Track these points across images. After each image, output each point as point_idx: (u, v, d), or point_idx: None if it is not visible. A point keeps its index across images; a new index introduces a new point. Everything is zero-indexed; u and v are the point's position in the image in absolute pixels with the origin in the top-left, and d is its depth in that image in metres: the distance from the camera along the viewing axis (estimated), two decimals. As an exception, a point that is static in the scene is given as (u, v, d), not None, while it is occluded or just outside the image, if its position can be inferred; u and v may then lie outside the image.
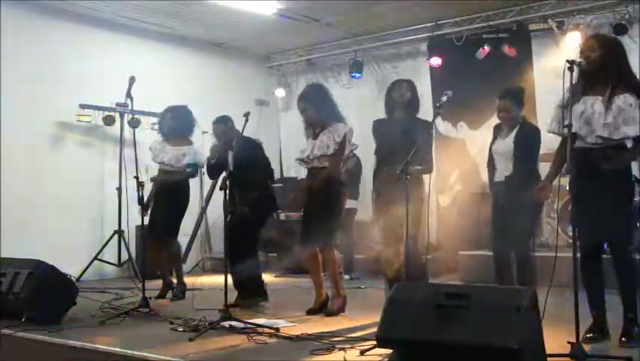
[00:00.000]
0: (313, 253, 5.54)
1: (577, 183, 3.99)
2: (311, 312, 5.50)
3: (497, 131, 5.50)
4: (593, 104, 4.04)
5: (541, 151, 7.23)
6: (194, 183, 7.30)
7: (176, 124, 6.67)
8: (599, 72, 4.05)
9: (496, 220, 5.36)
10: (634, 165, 4.31)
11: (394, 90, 5.38)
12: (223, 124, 6.20)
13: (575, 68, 3.84)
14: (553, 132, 4.28)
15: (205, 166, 6.42)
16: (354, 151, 5.87)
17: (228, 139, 5.88)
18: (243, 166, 5.49)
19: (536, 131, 5.42)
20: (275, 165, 10.44)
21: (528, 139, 5.32)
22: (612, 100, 4.00)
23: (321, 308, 5.54)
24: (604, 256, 4.18)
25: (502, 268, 5.26)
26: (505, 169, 5.32)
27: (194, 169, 6.78)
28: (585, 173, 3.96)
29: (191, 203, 6.92)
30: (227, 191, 5.11)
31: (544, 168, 6.56)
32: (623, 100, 3.98)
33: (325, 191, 5.41)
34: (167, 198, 6.57)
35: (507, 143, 5.34)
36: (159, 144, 6.71)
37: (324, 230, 5.38)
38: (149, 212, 6.45)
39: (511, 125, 5.38)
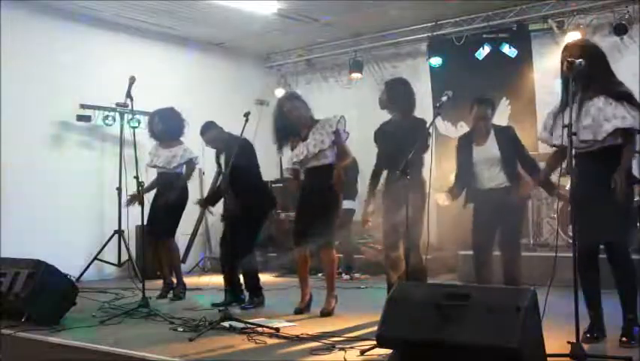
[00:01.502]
0: (304, 256, 5.54)
1: (575, 185, 4.00)
2: (299, 312, 5.50)
3: (467, 140, 5.40)
4: (575, 112, 4.05)
5: (541, 151, 7.24)
6: (194, 184, 7.31)
7: (166, 127, 6.71)
8: (580, 79, 4.04)
9: (480, 226, 5.29)
10: (634, 166, 4.31)
11: (394, 92, 5.36)
12: (211, 130, 6.24)
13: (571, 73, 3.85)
14: (545, 142, 4.30)
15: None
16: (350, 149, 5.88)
17: (220, 143, 5.98)
18: (235, 167, 5.56)
19: (512, 130, 5.44)
20: (274, 165, 10.50)
21: (510, 140, 5.31)
22: (585, 104, 4.01)
23: (307, 308, 5.56)
24: (601, 256, 4.19)
25: (483, 272, 5.24)
26: (493, 176, 5.27)
27: (187, 169, 6.77)
28: (583, 175, 3.97)
29: (191, 203, 6.92)
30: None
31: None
32: (603, 101, 3.99)
33: (324, 191, 5.40)
34: (165, 198, 6.60)
35: (488, 148, 5.28)
36: (154, 148, 6.80)
37: (323, 231, 5.37)
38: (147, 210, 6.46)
39: (484, 132, 5.34)
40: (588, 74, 4.02)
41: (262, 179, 6.41)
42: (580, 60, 3.93)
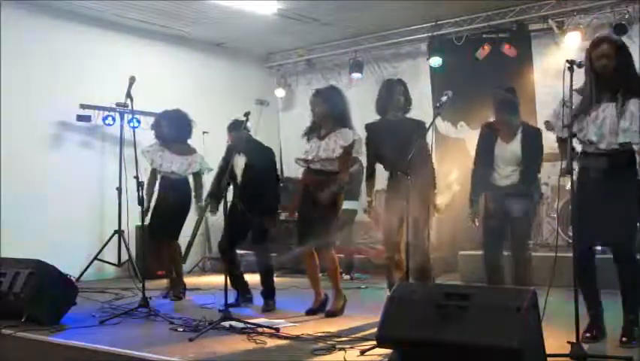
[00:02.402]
0: (310, 254, 5.54)
1: (582, 185, 4.00)
2: (310, 312, 5.50)
3: (491, 132, 5.36)
4: (605, 109, 4.03)
5: (545, 151, 7.22)
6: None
7: (174, 130, 6.66)
8: (612, 78, 4.04)
9: (492, 225, 5.28)
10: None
11: (392, 92, 5.36)
12: (240, 130, 6.00)
13: (577, 69, 3.84)
14: (552, 131, 4.29)
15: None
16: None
17: (238, 143, 5.96)
18: (258, 175, 5.58)
19: (540, 134, 5.39)
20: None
21: (535, 143, 5.27)
22: (625, 105, 3.98)
23: (320, 308, 5.54)
24: (602, 256, 4.19)
25: (495, 273, 5.24)
26: (508, 174, 5.26)
27: (198, 180, 6.78)
28: (595, 177, 3.99)
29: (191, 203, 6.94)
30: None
31: (546, 168, 6.58)
32: (634, 104, 3.97)
33: (324, 192, 5.40)
34: (172, 201, 6.59)
35: (513, 147, 5.24)
36: (159, 151, 6.67)
37: (323, 231, 5.37)
38: (149, 213, 6.46)
39: (511, 132, 5.32)
40: (618, 75, 4.00)
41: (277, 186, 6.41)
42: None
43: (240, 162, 5.99)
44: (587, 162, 4.14)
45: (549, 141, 5.18)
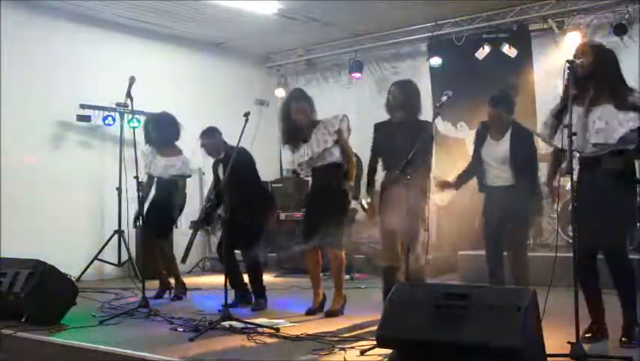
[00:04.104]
0: (314, 252, 5.54)
1: (577, 187, 4.00)
2: (310, 312, 5.49)
3: (484, 131, 5.45)
4: (581, 114, 4.03)
5: (542, 152, 7.25)
6: (194, 184, 7.29)
7: (161, 133, 6.68)
8: (589, 80, 4.03)
9: (489, 225, 5.32)
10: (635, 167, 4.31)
11: (395, 91, 5.36)
12: (213, 137, 6.24)
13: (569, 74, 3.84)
14: (544, 139, 4.30)
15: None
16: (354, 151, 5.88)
17: (219, 153, 6.07)
18: (237, 175, 5.61)
19: (531, 137, 5.42)
20: (275, 165, 10.52)
21: (526, 144, 5.31)
22: (597, 107, 3.99)
23: (319, 308, 5.54)
24: (602, 256, 4.19)
25: (496, 271, 5.27)
26: (500, 174, 5.29)
27: (179, 179, 6.76)
28: (587, 178, 3.99)
29: (192, 203, 6.92)
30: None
31: (544, 169, 6.61)
32: (614, 106, 3.96)
33: (332, 190, 5.39)
34: (159, 202, 6.65)
35: (501, 147, 5.29)
36: (151, 154, 6.75)
37: (334, 230, 5.34)
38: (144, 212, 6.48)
39: (501, 129, 5.35)
40: (597, 77, 4.00)
41: (261, 185, 6.42)
42: (581, 60, 3.93)
43: (220, 171, 6.02)
44: (581, 163, 4.17)
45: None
